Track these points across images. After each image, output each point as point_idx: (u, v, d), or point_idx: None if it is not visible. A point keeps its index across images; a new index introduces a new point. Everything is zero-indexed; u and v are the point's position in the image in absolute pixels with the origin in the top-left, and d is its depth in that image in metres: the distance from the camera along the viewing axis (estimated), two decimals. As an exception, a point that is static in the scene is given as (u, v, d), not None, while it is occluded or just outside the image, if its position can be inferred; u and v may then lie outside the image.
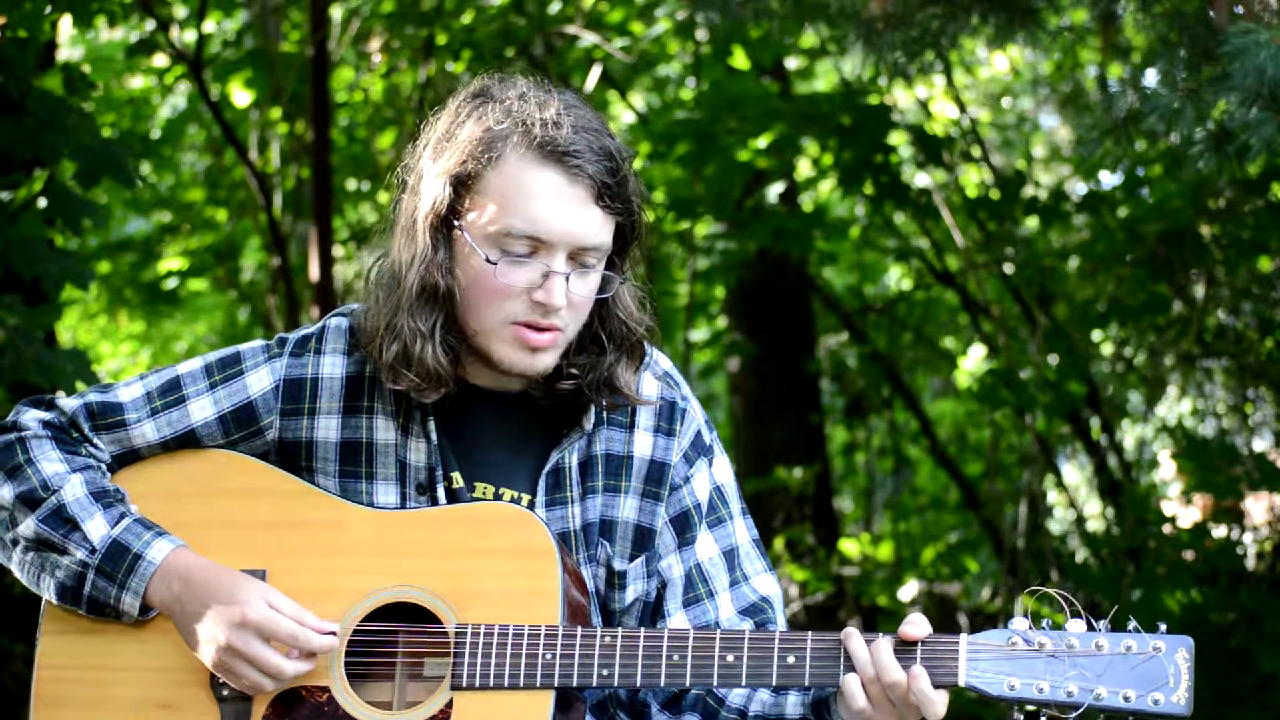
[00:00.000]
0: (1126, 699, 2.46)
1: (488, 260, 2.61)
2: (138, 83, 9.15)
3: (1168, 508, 7.30)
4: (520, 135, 2.61)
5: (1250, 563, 6.73)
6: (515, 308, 2.63)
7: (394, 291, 2.68)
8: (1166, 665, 2.47)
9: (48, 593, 2.72)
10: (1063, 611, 2.53)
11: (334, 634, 2.63)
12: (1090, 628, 2.51)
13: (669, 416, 2.80)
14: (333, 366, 2.77)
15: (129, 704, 2.70)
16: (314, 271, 7.75)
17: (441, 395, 2.69)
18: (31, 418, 2.77)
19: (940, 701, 2.51)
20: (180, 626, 2.67)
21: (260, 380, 2.78)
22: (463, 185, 2.63)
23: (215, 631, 2.61)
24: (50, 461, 2.73)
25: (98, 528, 2.68)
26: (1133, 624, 2.50)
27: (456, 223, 2.65)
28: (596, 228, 2.63)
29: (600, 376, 2.71)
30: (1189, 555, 6.57)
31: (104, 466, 2.77)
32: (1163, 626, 2.51)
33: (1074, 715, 2.48)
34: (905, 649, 2.53)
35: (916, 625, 2.54)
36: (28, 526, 2.70)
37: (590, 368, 2.72)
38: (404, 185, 2.73)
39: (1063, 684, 2.49)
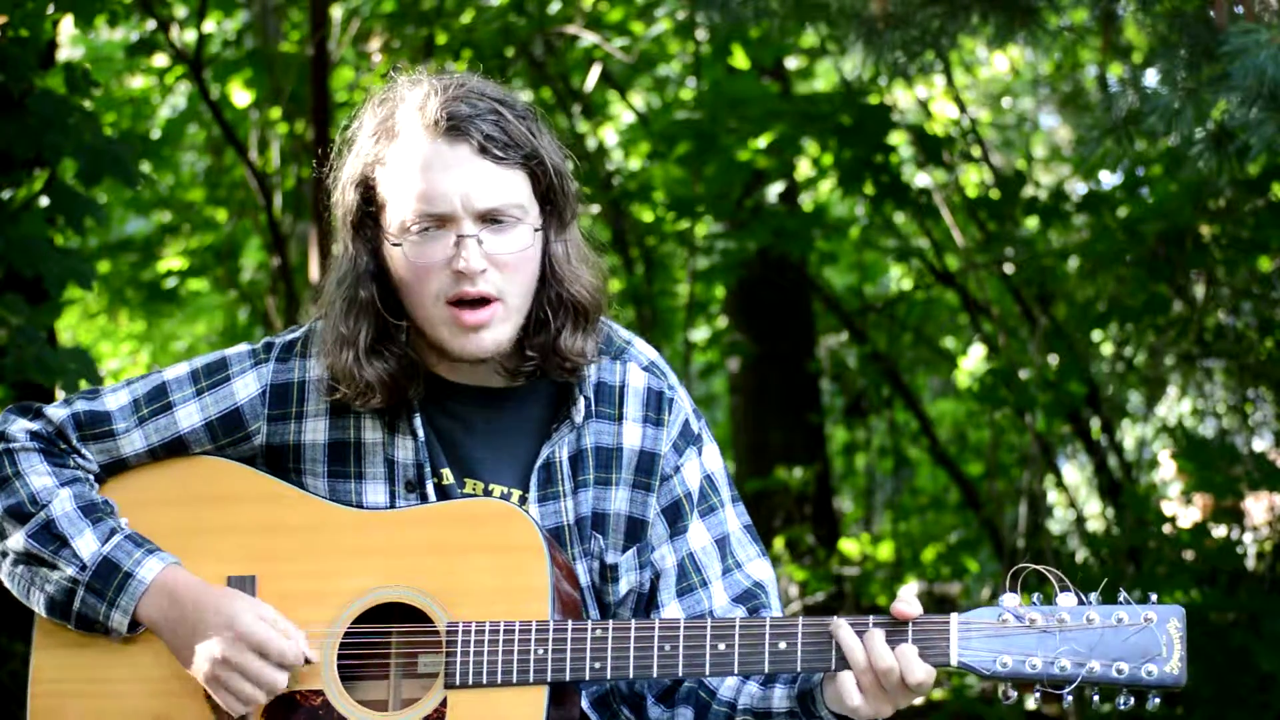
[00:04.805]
0: (1120, 671, 2.47)
1: (397, 245, 2.63)
2: (138, 83, 9.15)
3: (1168, 508, 7.30)
4: (399, 127, 2.64)
5: (1250, 563, 6.73)
6: (441, 283, 2.63)
7: (329, 304, 2.72)
8: (1159, 636, 2.47)
9: (37, 606, 2.72)
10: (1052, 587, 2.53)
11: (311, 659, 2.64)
12: (1081, 601, 2.51)
13: (657, 406, 2.79)
14: (319, 369, 2.77)
15: (124, 717, 2.69)
16: (314, 271, 7.75)
17: (386, 404, 2.69)
18: (19, 428, 2.76)
19: (925, 671, 2.50)
20: (171, 643, 2.67)
21: (247, 386, 2.78)
22: (366, 190, 2.67)
23: (210, 645, 2.61)
24: (38, 475, 2.72)
25: (87, 544, 2.68)
26: (1123, 596, 2.50)
27: (374, 225, 2.68)
28: (490, 181, 2.62)
29: (549, 348, 2.71)
30: (1189, 555, 6.57)
31: (92, 478, 2.77)
32: (1154, 597, 2.51)
33: (1068, 690, 2.48)
34: (896, 629, 2.53)
35: (908, 604, 2.54)
36: (17, 540, 2.69)
37: (543, 344, 2.71)
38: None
39: (1055, 659, 2.49)
